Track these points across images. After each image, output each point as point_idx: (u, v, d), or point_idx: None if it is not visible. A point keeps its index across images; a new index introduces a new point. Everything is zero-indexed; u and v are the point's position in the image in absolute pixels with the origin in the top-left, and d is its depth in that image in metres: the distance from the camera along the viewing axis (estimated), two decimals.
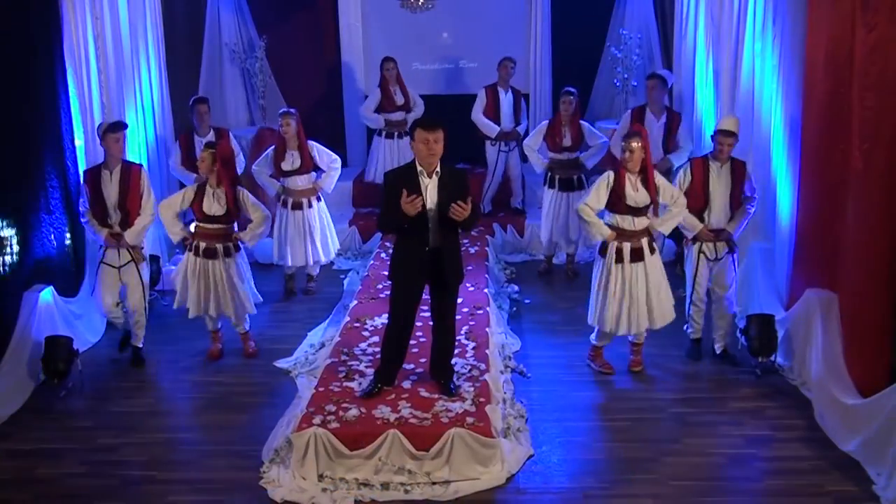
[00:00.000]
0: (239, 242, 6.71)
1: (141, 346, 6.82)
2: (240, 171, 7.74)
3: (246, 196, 6.66)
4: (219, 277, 6.60)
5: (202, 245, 6.57)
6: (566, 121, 8.14)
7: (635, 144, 6.04)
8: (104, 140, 6.46)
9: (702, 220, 6.39)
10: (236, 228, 6.71)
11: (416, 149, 5.31)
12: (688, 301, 6.60)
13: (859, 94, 5.26)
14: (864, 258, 5.33)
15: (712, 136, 6.41)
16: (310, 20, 10.78)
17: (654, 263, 6.23)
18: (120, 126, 6.58)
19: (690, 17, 8.66)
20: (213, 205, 6.52)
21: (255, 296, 6.87)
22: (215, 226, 6.56)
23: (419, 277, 5.49)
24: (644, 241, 6.19)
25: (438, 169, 5.35)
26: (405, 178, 5.34)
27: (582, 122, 8.26)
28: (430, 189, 5.33)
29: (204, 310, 6.69)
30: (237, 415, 5.99)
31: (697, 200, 6.36)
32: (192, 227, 6.68)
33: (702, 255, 6.44)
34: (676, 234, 8.56)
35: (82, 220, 6.68)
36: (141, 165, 6.86)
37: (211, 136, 8.11)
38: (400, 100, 9.52)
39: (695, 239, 6.45)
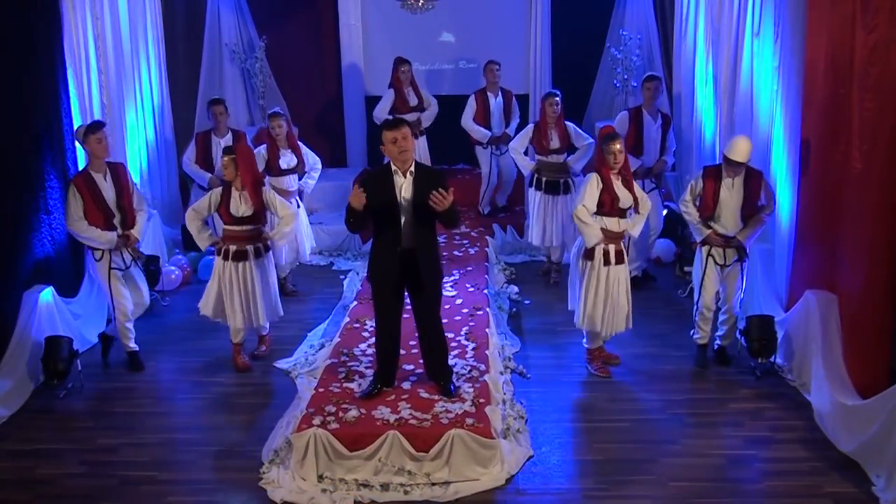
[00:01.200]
0: (269, 243, 6.65)
1: (138, 350, 6.78)
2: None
3: (272, 195, 6.60)
4: (249, 281, 6.48)
5: (232, 248, 6.45)
6: (552, 122, 8.07)
7: (619, 146, 6.02)
8: (87, 143, 6.33)
9: (708, 226, 6.36)
10: (267, 229, 6.71)
11: (387, 150, 5.31)
12: (695, 307, 6.55)
13: (859, 96, 5.26)
14: (863, 259, 5.34)
15: (723, 156, 6.32)
16: (310, 20, 10.79)
17: (625, 266, 6.28)
18: (100, 125, 6.44)
19: (690, 18, 8.66)
20: (241, 206, 6.43)
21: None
22: (244, 227, 6.47)
23: (395, 277, 5.46)
24: (623, 244, 6.25)
25: (413, 168, 5.35)
26: (379, 178, 5.36)
27: (567, 122, 8.17)
28: (405, 188, 5.33)
29: (231, 319, 6.55)
30: (237, 415, 6.00)
31: (706, 209, 6.32)
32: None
33: (710, 258, 6.38)
34: (676, 236, 8.61)
35: (77, 232, 6.36)
36: (123, 163, 6.77)
37: (229, 138, 8.10)
38: (413, 101, 9.53)
39: (703, 242, 6.41)
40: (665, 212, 8.58)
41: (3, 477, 5.28)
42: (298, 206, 8.03)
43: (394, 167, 5.34)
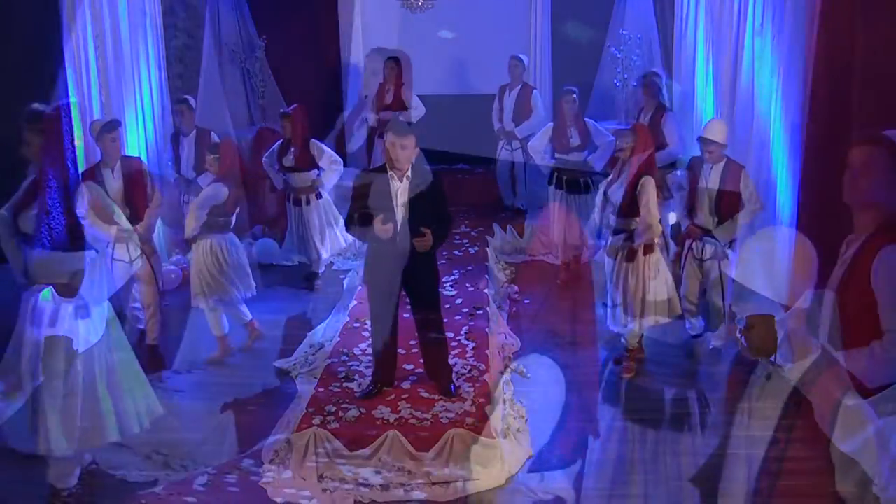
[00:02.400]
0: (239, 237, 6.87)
1: (157, 344, 6.84)
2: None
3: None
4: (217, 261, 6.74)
5: None
6: (570, 120, 8.13)
7: (623, 143, 6.09)
8: (101, 140, 6.49)
9: (691, 218, 6.41)
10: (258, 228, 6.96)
11: (385, 150, 5.42)
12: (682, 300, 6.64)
13: (859, 95, 5.26)
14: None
15: (697, 138, 6.41)
16: (310, 20, 10.79)
17: (632, 269, 6.13)
18: (115, 125, 6.58)
19: (690, 17, 8.67)
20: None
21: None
22: (215, 218, 6.65)
23: (391, 279, 5.49)
24: (611, 244, 6.23)
25: (409, 173, 5.41)
26: (375, 178, 5.41)
27: (587, 119, 8.25)
28: (401, 192, 5.39)
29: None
30: (237, 415, 5.99)
31: (689, 199, 6.43)
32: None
33: (690, 252, 6.46)
34: (677, 234, 8.61)
35: (84, 222, 6.62)
36: (140, 158, 6.91)
37: (193, 136, 8.17)
38: (388, 99, 9.55)
39: (686, 235, 6.47)
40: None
41: (3, 477, 5.27)
42: (309, 203, 8.09)
43: (390, 170, 5.38)
